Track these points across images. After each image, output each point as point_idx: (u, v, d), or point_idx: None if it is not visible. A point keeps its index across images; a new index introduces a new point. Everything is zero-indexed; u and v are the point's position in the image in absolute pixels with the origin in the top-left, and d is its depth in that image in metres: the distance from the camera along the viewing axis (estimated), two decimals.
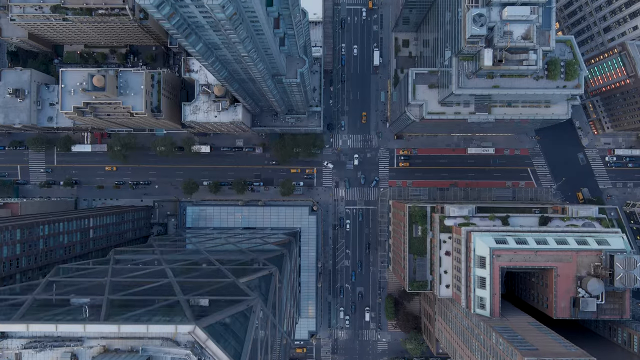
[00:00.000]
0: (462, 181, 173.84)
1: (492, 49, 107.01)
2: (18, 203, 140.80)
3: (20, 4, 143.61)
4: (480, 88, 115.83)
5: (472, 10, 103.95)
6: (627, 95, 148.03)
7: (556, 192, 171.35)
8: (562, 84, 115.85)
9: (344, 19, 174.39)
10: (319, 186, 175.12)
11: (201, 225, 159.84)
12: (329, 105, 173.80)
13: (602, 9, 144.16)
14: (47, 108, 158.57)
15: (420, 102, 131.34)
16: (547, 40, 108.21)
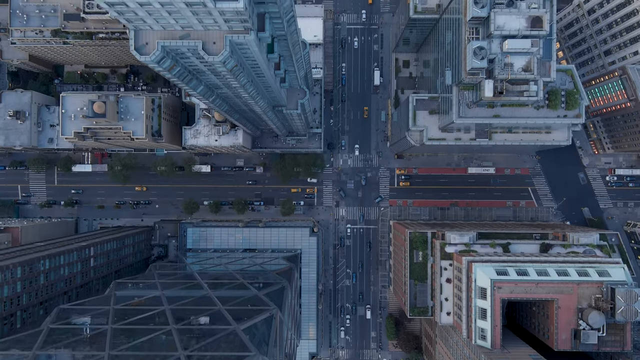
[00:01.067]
0: (462, 201, 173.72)
1: (492, 80, 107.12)
2: (19, 228, 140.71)
3: (21, 28, 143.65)
4: (481, 117, 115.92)
5: (472, 43, 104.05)
6: (627, 118, 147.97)
7: (557, 212, 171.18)
8: (563, 113, 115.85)
9: (344, 39, 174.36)
10: (319, 205, 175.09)
11: (202, 247, 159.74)
12: (329, 124, 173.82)
13: (602, 32, 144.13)
14: (47, 129, 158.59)
15: (420, 128, 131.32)
16: (548, 71, 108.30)
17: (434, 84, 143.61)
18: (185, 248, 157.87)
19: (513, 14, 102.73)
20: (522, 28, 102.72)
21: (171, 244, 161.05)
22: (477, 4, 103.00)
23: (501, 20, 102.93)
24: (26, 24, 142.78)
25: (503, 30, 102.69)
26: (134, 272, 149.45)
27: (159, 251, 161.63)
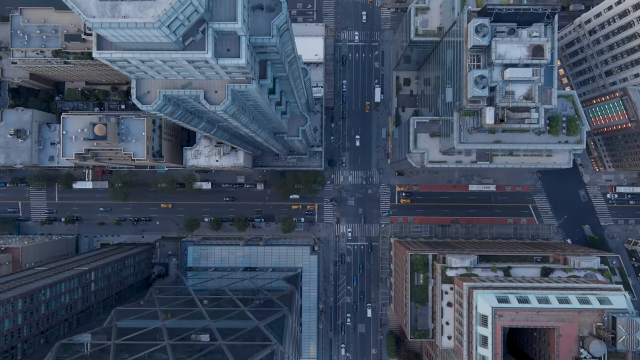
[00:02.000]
0: (463, 218, 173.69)
1: (493, 107, 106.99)
2: (19, 248, 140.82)
3: (22, 48, 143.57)
4: (482, 143, 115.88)
5: (473, 72, 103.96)
6: (628, 138, 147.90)
7: (558, 230, 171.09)
8: (564, 139, 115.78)
9: (345, 56, 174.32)
10: (320, 222, 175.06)
11: (202, 265, 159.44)
12: (329, 141, 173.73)
13: (603, 53, 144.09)
14: (48, 147, 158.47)
15: (421, 150, 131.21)
16: (549, 98, 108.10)
17: (435, 102, 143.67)
18: (185, 266, 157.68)
19: (514, 43, 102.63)
20: (523, 57, 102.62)
21: (172, 263, 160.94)
22: (479, 32, 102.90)
23: (502, 49, 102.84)
24: (27, 44, 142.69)
25: (504, 59, 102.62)
26: (134, 292, 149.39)
27: (160, 269, 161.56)
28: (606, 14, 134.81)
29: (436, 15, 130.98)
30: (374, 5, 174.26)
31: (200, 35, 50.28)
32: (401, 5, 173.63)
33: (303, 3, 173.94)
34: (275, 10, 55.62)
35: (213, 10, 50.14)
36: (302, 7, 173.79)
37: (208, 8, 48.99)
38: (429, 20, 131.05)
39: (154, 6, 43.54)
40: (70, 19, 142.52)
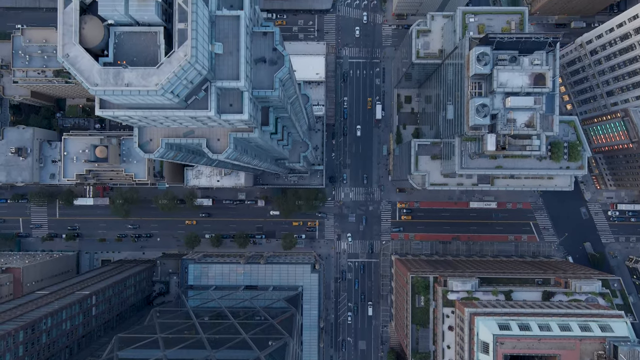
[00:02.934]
0: (464, 234, 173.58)
1: (495, 134, 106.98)
2: (20, 268, 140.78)
3: (23, 68, 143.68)
4: (484, 168, 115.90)
5: (475, 100, 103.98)
6: (629, 158, 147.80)
7: (559, 247, 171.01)
8: (566, 164, 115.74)
9: (346, 73, 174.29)
10: (320, 239, 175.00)
11: (203, 283, 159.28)
12: (330, 158, 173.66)
13: (605, 73, 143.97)
14: (49, 165, 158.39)
15: (422, 172, 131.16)
16: (551, 124, 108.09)
17: (436, 120, 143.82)
18: (186, 285, 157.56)
19: (516, 71, 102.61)
20: (525, 85, 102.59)
21: (172, 281, 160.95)
22: (480, 61, 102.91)
23: (504, 77, 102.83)
24: (28, 64, 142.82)
25: (506, 87, 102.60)
26: (135, 311, 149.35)
27: (161, 287, 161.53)
28: (607, 35, 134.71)
29: (437, 37, 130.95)
30: (375, 22, 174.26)
31: (203, 93, 50.33)
32: (402, 22, 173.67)
33: (304, 20, 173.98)
34: (278, 64, 55.60)
35: (216, 69, 50.15)
36: (303, 24, 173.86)
37: (211, 68, 49.02)
38: (430, 42, 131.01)
39: (157, 74, 43.54)
40: None
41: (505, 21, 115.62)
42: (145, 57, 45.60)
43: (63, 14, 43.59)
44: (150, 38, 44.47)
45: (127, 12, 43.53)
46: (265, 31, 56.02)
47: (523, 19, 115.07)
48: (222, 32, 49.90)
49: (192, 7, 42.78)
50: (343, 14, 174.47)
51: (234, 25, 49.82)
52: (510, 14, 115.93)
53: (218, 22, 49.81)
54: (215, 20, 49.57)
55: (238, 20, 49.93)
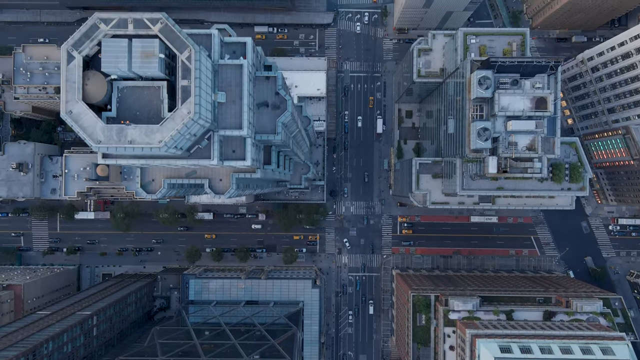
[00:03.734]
0: (465, 249, 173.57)
1: (496, 156, 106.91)
2: (21, 285, 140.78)
3: (25, 85, 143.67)
4: (485, 190, 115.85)
5: (476, 124, 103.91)
6: (631, 175, 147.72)
7: (560, 262, 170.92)
8: (567, 186, 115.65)
9: (347, 87, 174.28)
10: (321, 252, 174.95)
11: (204, 298, 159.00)
12: (331, 172, 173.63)
13: (606, 90, 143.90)
14: (50, 180, 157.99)
15: (424, 191, 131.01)
16: (552, 147, 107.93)
17: (437, 134, 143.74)
18: (187, 300, 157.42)
19: (517, 95, 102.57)
20: (527, 109, 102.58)
21: (173, 296, 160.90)
22: (482, 85, 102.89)
23: (505, 101, 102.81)
24: (29, 81, 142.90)
25: (507, 111, 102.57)
26: (136, 327, 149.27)
27: (161, 302, 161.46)
28: (609, 53, 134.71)
29: (439, 56, 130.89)
30: (376, 37, 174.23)
31: (206, 142, 50.39)
32: (403, 36, 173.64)
33: (305, 34, 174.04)
34: (281, 108, 55.57)
35: (219, 118, 50.14)
36: (304, 38, 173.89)
37: (214, 118, 49.00)
38: (431, 61, 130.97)
39: (160, 131, 43.51)
40: None
41: (507, 42, 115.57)
42: (148, 112, 45.58)
43: (66, 71, 43.57)
44: (154, 92, 44.47)
45: (130, 69, 43.54)
46: (267, 75, 56.04)
47: (524, 41, 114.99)
48: (225, 81, 49.90)
49: (196, 64, 42.79)
50: (344, 28, 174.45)
51: (237, 74, 49.81)
52: (511, 35, 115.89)
53: (221, 71, 49.80)
54: (219, 69, 49.57)
55: (241, 69, 49.91)
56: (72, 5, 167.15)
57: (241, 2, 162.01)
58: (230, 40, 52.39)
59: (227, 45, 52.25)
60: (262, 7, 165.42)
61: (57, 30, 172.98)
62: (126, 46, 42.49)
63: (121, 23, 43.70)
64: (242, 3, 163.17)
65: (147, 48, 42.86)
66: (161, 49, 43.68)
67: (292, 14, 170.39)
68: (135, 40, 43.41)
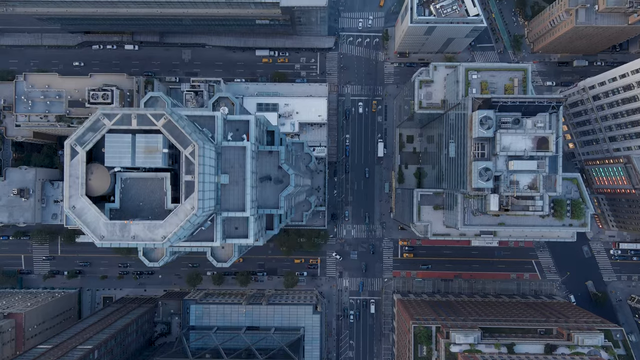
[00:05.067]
0: (466, 272, 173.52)
1: (498, 194, 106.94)
2: (22, 314, 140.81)
3: (26, 113, 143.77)
4: (487, 225, 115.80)
5: (478, 163, 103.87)
6: (632, 203, 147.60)
7: (561, 286, 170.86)
8: (569, 222, 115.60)
9: (348, 110, 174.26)
10: (322, 276, 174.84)
11: (205, 324, 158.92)
12: (332, 195, 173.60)
13: (607, 119, 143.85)
14: (51, 205, 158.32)
15: (425, 222, 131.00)
16: (554, 184, 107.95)
17: (438, 159, 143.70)
18: (188, 325, 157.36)
19: (519, 135, 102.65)
20: (528, 149, 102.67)
21: (174, 322, 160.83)
22: (483, 125, 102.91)
23: (507, 140, 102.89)
24: (31, 109, 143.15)
25: (509, 151, 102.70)
26: (137, 355, 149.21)
27: (162, 328, 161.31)
28: (610, 84, 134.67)
29: (440, 88, 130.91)
30: (377, 60, 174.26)
31: (209, 223, 50.48)
32: (404, 60, 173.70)
33: (306, 57, 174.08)
34: (284, 182, 55.61)
35: (222, 200, 50.23)
36: (305, 62, 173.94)
37: (217, 200, 49.09)
38: (432, 93, 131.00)
39: (163, 226, 43.58)
40: (74, 84, 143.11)
41: (509, 78, 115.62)
42: (151, 202, 45.68)
43: (70, 166, 43.59)
44: (157, 183, 44.52)
45: (134, 164, 43.57)
46: (270, 150, 56.08)
47: (526, 76, 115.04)
48: (228, 162, 49.95)
49: (199, 160, 42.83)
50: (345, 51, 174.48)
51: (240, 155, 49.83)
52: (513, 71, 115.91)
53: (224, 152, 49.87)
54: (222, 151, 49.62)
55: (244, 150, 49.95)
56: (73, 30, 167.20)
57: (242, 27, 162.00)
58: (234, 118, 52.40)
59: (230, 123, 52.30)
60: (263, 31, 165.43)
61: (58, 54, 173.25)
62: (130, 142, 42.51)
63: (125, 118, 43.73)
64: (244, 28, 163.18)
65: (151, 143, 42.91)
66: (165, 143, 43.71)
67: (293, 38, 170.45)
68: (139, 136, 43.40)
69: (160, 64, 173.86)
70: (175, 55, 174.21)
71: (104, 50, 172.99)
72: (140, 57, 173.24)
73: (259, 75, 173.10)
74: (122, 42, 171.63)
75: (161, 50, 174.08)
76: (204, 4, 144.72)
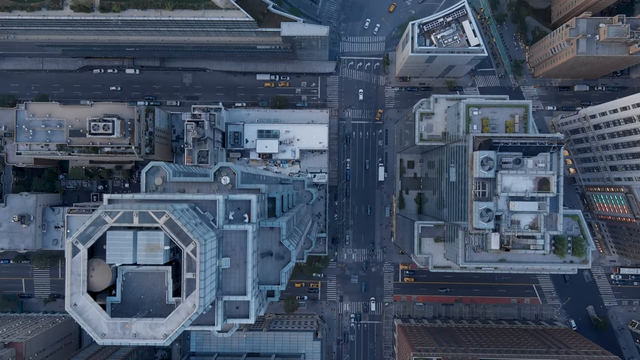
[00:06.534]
0: (467, 297, 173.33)
1: (499, 233, 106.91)
2: (23, 343, 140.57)
3: (27, 142, 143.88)
4: (487, 262, 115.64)
5: (479, 204, 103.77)
6: (633, 232, 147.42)
7: (561, 311, 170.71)
8: (570, 259, 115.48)
9: (349, 134, 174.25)
10: (323, 300, 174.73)
11: (205, 350, 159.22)
12: (333, 219, 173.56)
13: (608, 148, 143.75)
14: (52, 231, 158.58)
15: (426, 254, 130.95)
16: (555, 223, 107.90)
17: (439, 185, 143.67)
18: (189, 352, 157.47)
19: (520, 175, 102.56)
20: (529, 190, 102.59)
21: (174, 348, 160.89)
22: (484, 165, 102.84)
23: (508, 181, 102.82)
24: (32, 139, 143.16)
25: (510, 191, 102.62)
26: None
27: (163, 355, 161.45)
28: (611, 115, 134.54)
29: (441, 120, 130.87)
30: (378, 84, 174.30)
31: (210, 307, 50.49)
32: (405, 84, 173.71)
33: (307, 81, 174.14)
34: (285, 258, 55.66)
35: (223, 284, 50.26)
36: (306, 86, 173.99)
37: (218, 285, 49.12)
38: (433, 125, 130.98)
39: (165, 325, 43.59)
40: (75, 113, 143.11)
41: (509, 114, 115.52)
42: (152, 295, 45.74)
43: (71, 263, 43.65)
44: (158, 277, 44.58)
45: (135, 261, 43.58)
46: (272, 226, 56.08)
47: (527, 113, 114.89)
48: (230, 245, 49.98)
49: (200, 257, 42.88)
50: (346, 75, 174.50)
51: (242, 239, 49.88)
52: (514, 108, 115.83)
53: (225, 236, 49.92)
54: (223, 235, 49.66)
55: (245, 234, 49.98)
56: (74, 55, 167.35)
57: (243, 53, 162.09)
58: (235, 198, 52.44)
59: (231, 202, 52.34)
60: (264, 56, 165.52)
61: (59, 78, 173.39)
62: (131, 239, 42.60)
63: (126, 216, 43.79)
64: (245, 54, 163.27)
65: (153, 241, 42.97)
66: (166, 241, 43.77)
67: (294, 63, 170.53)
68: (140, 233, 43.47)
69: (161, 88, 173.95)
70: (176, 79, 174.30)
71: (105, 74, 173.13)
72: (141, 81, 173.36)
73: (260, 99, 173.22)
74: (122, 67, 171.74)
75: (162, 74, 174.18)
76: (205, 32, 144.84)
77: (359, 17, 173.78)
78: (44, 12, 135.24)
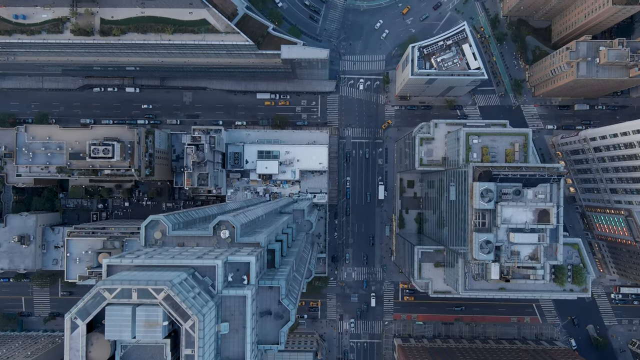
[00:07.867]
0: (467, 316, 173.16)
1: (499, 264, 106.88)
2: None
3: (27, 165, 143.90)
4: (487, 290, 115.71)
5: (479, 236, 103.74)
6: (633, 254, 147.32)
7: (562, 330, 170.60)
8: (570, 287, 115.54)
9: (349, 153, 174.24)
10: (323, 319, 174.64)
11: None
12: (333, 237, 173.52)
13: (608, 171, 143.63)
14: (52, 251, 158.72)
15: (426, 279, 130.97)
16: (555, 253, 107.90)
17: (439, 204, 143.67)
18: None
19: (520, 207, 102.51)
20: (529, 221, 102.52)
21: None
22: (484, 197, 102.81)
23: (508, 212, 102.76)
24: (32, 161, 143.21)
25: (510, 223, 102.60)
26: None
27: None
28: (612, 139, 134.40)
29: (441, 145, 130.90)
30: (378, 103, 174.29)
31: None
32: (405, 103, 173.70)
33: (307, 100, 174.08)
34: (284, 317, 55.66)
35: (222, 349, 50.24)
36: (306, 104, 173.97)
37: (217, 350, 49.09)
38: (433, 150, 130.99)
39: None
40: (75, 135, 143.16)
41: (509, 143, 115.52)
42: None
43: (70, 339, 43.64)
44: (157, 350, 44.64)
45: (134, 336, 43.60)
46: (271, 286, 56.08)
47: (527, 141, 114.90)
48: (229, 310, 50.01)
49: (199, 334, 42.90)
50: (346, 94, 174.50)
51: (241, 303, 49.91)
52: (513, 136, 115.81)
53: (224, 301, 49.93)
54: (222, 300, 49.68)
55: (244, 300, 50.00)
56: (74, 74, 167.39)
57: (243, 72, 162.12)
58: (234, 260, 52.50)
59: (230, 265, 52.38)
60: (264, 76, 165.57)
61: (59, 96, 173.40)
62: (130, 315, 42.64)
63: (125, 292, 43.89)
64: (245, 73, 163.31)
65: (151, 317, 43.00)
66: (165, 317, 43.82)
67: (294, 82, 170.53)
68: (139, 309, 43.50)
69: (161, 107, 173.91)
70: (176, 98, 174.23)
71: (105, 92, 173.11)
72: (142, 99, 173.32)
73: (260, 118, 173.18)
74: (123, 85, 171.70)
75: (162, 93, 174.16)
76: (205, 55, 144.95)
77: (359, 36, 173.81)
78: (44, 35, 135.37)
